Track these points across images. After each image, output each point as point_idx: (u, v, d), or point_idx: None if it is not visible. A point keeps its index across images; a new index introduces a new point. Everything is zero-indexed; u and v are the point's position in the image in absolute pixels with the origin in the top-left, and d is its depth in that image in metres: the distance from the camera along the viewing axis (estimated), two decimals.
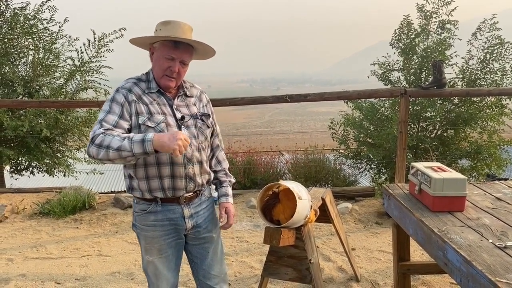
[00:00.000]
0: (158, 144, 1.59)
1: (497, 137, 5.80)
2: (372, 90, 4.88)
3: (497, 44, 5.64)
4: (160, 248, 1.92)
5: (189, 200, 1.93)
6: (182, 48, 1.83)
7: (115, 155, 1.61)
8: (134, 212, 1.95)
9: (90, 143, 1.66)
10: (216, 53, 1.98)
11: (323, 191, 2.90)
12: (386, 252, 3.70)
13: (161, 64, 1.83)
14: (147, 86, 1.87)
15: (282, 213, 2.19)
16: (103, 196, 5.42)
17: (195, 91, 2.02)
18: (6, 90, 6.33)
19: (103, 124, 1.71)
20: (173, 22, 1.81)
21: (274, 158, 7.18)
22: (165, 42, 1.81)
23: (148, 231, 1.90)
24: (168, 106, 1.87)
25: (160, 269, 1.94)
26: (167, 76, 1.84)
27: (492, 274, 1.46)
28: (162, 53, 1.82)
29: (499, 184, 2.65)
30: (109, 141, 1.62)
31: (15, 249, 3.94)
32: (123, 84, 1.86)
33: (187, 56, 1.86)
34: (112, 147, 1.60)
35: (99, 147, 1.63)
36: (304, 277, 2.33)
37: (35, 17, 6.38)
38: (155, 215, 1.88)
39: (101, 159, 1.64)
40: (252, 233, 4.24)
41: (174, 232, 1.93)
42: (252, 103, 5.07)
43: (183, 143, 1.59)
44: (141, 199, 1.90)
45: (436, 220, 2.00)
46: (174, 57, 1.82)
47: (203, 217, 1.99)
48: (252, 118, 65.85)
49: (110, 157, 1.62)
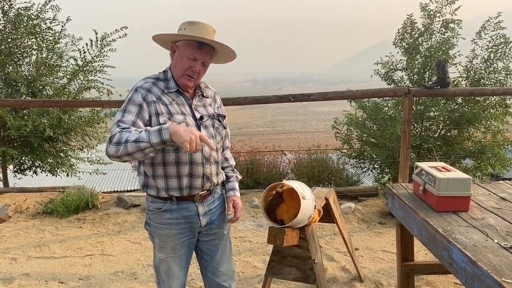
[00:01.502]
0: (173, 132, 1.56)
1: (501, 137, 5.77)
2: (375, 90, 4.87)
3: (502, 43, 5.62)
4: (174, 247, 1.93)
5: (203, 198, 1.94)
6: (205, 49, 1.84)
7: (134, 147, 1.59)
8: (148, 211, 1.95)
9: (108, 143, 1.65)
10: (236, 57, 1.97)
11: (327, 191, 2.89)
12: (389, 252, 3.69)
13: (183, 63, 1.83)
14: (166, 85, 1.86)
15: (286, 213, 2.18)
16: (106, 196, 5.42)
17: (210, 91, 2.03)
18: (10, 89, 6.36)
19: (120, 124, 1.71)
20: (199, 23, 1.82)
21: (277, 158, 7.18)
22: (190, 42, 1.81)
23: (163, 229, 1.91)
24: (187, 106, 1.88)
25: (172, 267, 1.95)
26: (188, 75, 1.84)
27: (497, 274, 1.45)
28: (186, 53, 1.82)
29: (503, 184, 2.63)
30: (126, 136, 1.61)
31: (18, 249, 3.95)
32: (142, 83, 1.84)
33: (208, 58, 1.87)
34: (129, 140, 1.60)
35: (117, 144, 1.62)
36: (307, 277, 2.33)
37: (38, 16, 6.40)
38: (170, 213, 1.89)
39: (120, 156, 1.63)
40: (255, 232, 4.23)
41: (189, 230, 1.93)
42: (255, 103, 5.07)
43: (195, 139, 1.56)
44: (156, 198, 1.90)
45: (441, 220, 1.99)
46: (197, 58, 1.82)
47: (216, 214, 2.02)
48: (255, 118, 65.85)
49: (129, 150, 1.60)
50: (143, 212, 4.81)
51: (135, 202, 5.01)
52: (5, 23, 6.33)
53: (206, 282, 2.10)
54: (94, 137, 6.74)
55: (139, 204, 5.00)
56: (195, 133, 1.57)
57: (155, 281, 1.96)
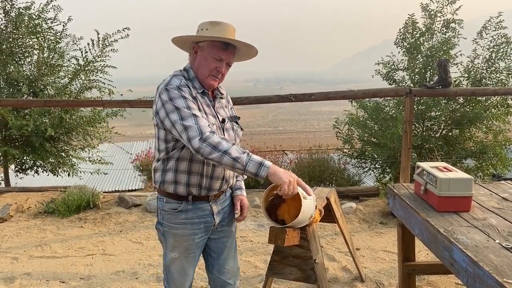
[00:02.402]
0: (272, 172, 1.62)
1: (503, 137, 5.76)
2: (377, 90, 4.86)
3: (503, 43, 5.61)
4: (188, 247, 1.92)
5: (217, 197, 1.96)
6: (230, 50, 1.84)
7: (229, 162, 1.62)
8: (162, 211, 1.92)
9: (200, 141, 1.64)
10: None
11: (328, 191, 2.89)
12: (390, 252, 3.68)
13: (209, 64, 1.82)
14: (192, 85, 1.85)
15: (287, 213, 2.18)
16: (107, 195, 5.43)
17: (224, 92, 2.03)
18: (11, 89, 6.37)
19: (199, 120, 1.68)
20: (222, 23, 1.82)
21: (278, 157, 7.18)
22: (215, 42, 1.80)
23: (178, 229, 1.90)
24: (211, 107, 1.88)
25: (186, 267, 1.96)
26: (213, 76, 1.84)
27: (499, 275, 1.44)
28: (211, 54, 1.81)
29: (505, 184, 2.63)
30: (227, 147, 1.63)
31: (20, 248, 3.96)
32: (178, 82, 1.79)
33: (232, 58, 1.87)
34: (230, 154, 1.62)
35: (214, 148, 1.63)
36: (308, 277, 2.32)
37: (39, 16, 6.41)
38: (186, 213, 1.89)
39: (210, 159, 1.64)
40: (256, 232, 4.23)
41: (204, 230, 1.94)
42: (256, 103, 5.07)
43: (293, 183, 1.64)
44: (171, 197, 1.88)
45: (442, 220, 1.98)
46: (222, 58, 1.82)
47: (227, 213, 2.04)
48: (256, 118, 65.86)
49: (222, 161, 1.62)
50: (144, 211, 4.82)
51: (136, 201, 5.02)
52: (6, 22, 6.34)
53: (212, 279, 2.11)
54: (96, 137, 6.75)
55: (140, 204, 5.01)
56: (294, 176, 1.64)
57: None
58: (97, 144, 6.94)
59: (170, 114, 1.73)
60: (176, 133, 1.72)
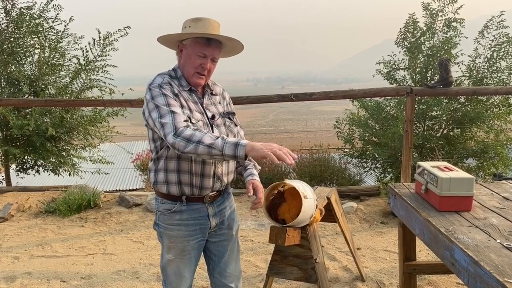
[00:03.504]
0: (249, 148, 1.57)
1: (504, 136, 5.75)
2: (378, 89, 4.86)
3: (505, 42, 5.59)
4: (183, 249, 1.91)
5: (213, 199, 1.93)
6: (213, 45, 1.82)
7: (204, 151, 1.60)
8: (158, 211, 1.93)
9: (174, 136, 1.63)
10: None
11: (329, 190, 2.89)
12: (391, 252, 3.68)
13: (193, 61, 1.82)
14: (179, 83, 1.85)
15: (288, 212, 2.18)
16: (108, 195, 5.43)
17: (218, 89, 2.02)
18: (12, 89, 6.37)
19: (175, 116, 1.68)
20: (204, 19, 1.80)
21: None
22: (198, 39, 1.79)
23: (173, 230, 1.89)
24: (199, 104, 1.87)
25: (181, 269, 1.93)
26: (198, 73, 1.83)
27: (500, 274, 1.44)
28: (194, 50, 1.80)
29: (506, 183, 2.62)
30: (200, 137, 1.61)
31: (20, 247, 3.96)
32: (161, 80, 1.81)
33: (217, 53, 1.85)
34: (203, 142, 1.59)
35: (188, 141, 1.61)
36: (309, 276, 2.32)
37: (40, 16, 6.41)
38: (180, 214, 1.87)
39: (186, 152, 1.63)
40: (257, 232, 4.23)
41: (200, 232, 1.92)
42: (257, 102, 5.07)
43: (277, 148, 1.58)
44: (166, 198, 1.88)
45: (443, 220, 1.98)
46: (206, 54, 1.81)
47: (226, 215, 2.01)
48: (257, 117, 65.85)
49: (198, 151, 1.60)
50: (145, 211, 4.82)
51: (137, 201, 5.02)
52: (7, 22, 6.34)
53: (213, 282, 2.10)
54: (96, 136, 6.75)
55: (141, 203, 5.01)
56: (273, 144, 1.59)
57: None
58: (98, 143, 6.94)
59: (151, 112, 1.74)
60: (157, 130, 1.73)
